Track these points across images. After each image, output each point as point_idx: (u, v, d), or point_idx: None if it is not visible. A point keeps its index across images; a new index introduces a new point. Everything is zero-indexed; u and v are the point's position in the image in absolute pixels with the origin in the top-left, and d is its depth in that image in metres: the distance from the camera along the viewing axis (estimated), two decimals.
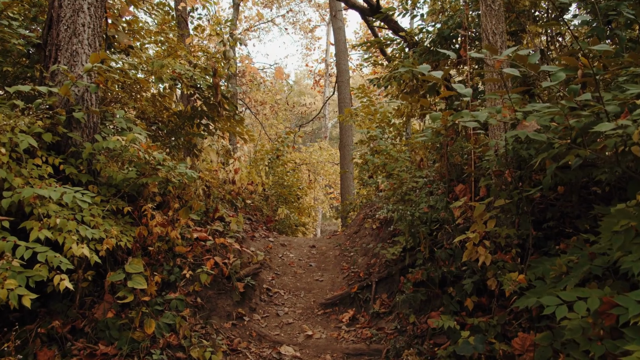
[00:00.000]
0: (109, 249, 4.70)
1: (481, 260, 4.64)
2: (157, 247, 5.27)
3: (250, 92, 18.83)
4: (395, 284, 5.72)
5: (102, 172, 5.23)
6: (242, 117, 7.33)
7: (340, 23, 16.84)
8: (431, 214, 5.61)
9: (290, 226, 11.33)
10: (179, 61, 7.33)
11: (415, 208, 5.73)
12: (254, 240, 7.72)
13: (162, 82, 6.54)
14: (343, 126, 15.89)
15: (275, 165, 11.81)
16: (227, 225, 6.74)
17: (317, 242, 8.51)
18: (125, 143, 5.19)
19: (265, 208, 10.74)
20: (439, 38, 7.52)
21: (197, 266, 5.52)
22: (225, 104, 7.11)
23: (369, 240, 7.29)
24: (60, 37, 5.82)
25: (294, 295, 6.35)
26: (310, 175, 21.84)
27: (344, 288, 6.32)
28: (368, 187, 10.80)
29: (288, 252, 7.79)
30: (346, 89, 16.23)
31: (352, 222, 9.35)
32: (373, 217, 7.99)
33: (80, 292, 4.92)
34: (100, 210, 4.97)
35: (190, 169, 7.22)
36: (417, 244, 5.53)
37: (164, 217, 5.11)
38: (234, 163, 10.15)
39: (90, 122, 5.71)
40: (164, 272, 5.25)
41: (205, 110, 7.31)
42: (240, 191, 10.24)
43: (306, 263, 7.44)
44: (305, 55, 36.78)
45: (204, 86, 6.76)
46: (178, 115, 7.61)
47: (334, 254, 7.65)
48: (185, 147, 7.85)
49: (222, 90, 7.06)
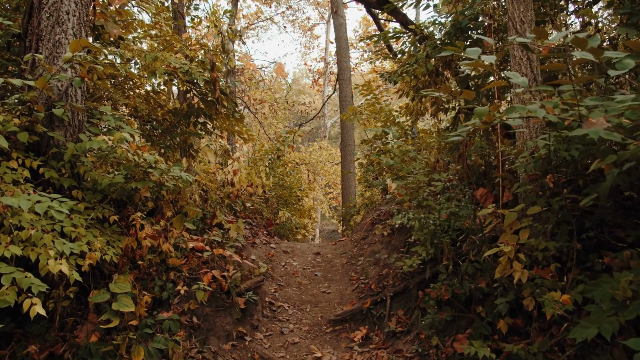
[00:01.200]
0: (93, 264, 4.06)
1: (517, 277, 4.03)
2: (148, 260, 4.63)
3: (249, 91, 18.15)
4: (413, 300, 5.11)
5: (86, 176, 4.59)
6: (241, 115, 6.71)
7: (341, 19, 16.20)
8: (453, 222, 4.99)
9: (291, 229, 10.70)
10: (174, 55, 6.69)
11: (436, 216, 5.12)
12: (255, 248, 7.08)
13: (155, 77, 5.90)
14: (344, 125, 15.27)
15: (276, 165, 11.18)
16: (226, 232, 6.11)
17: (322, 249, 7.89)
18: (113, 143, 4.56)
19: (266, 211, 10.12)
20: (455, 30, 6.90)
21: (193, 280, 4.89)
22: (224, 101, 6.47)
23: (379, 248, 6.67)
24: (42, 26, 5.17)
25: (300, 310, 5.73)
26: (310, 175, 21.21)
27: (354, 302, 5.70)
28: (373, 188, 10.18)
29: (291, 260, 7.17)
30: (347, 87, 15.60)
31: (359, 227, 8.72)
32: (382, 222, 7.37)
33: (60, 311, 4.28)
34: (84, 219, 4.33)
35: (186, 171, 6.59)
36: (438, 255, 4.91)
37: (155, 228, 4.47)
38: (232, 164, 9.51)
39: (75, 120, 5.07)
40: (156, 289, 4.62)
41: (202, 108, 6.67)
42: (240, 193, 9.60)
43: (311, 272, 6.82)
44: (304, 54, 36.11)
45: (200, 81, 6.13)
46: (173, 113, 6.97)
47: (340, 262, 7.03)
48: (182, 147, 7.21)
49: (221, 86, 6.42)
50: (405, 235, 6.30)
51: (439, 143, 7.03)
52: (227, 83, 6.92)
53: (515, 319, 4.20)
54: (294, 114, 27.06)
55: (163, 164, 4.98)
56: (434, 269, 5.08)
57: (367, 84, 10.30)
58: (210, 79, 6.24)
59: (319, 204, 22.89)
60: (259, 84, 18.38)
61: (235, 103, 6.62)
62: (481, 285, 4.40)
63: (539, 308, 4.04)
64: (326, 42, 28.15)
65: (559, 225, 4.26)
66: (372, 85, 10.44)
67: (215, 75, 6.18)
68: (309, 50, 32.57)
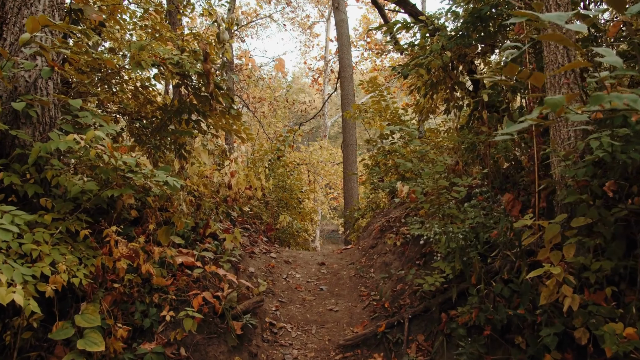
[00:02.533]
0: (58, 288, 3.33)
1: (567, 304, 3.31)
2: (128, 280, 3.89)
3: (247, 89, 17.34)
4: (435, 323, 4.37)
5: (53, 182, 3.84)
6: (239, 112, 5.96)
7: (343, 15, 15.48)
8: (483, 234, 4.26)
9: (292, 234, 9.96)
10: (164, 45, 5.95)
11: (462, 226, 4.39)
12: (254, 258, 6.34)
13: (141, 68, 5.15)
14: (346, 124, 14.55)
15: (276, 166, 10.42)
16: (221, 243, 5.37)
17: (327, 259, 7.14)
18: (85, 143, 3.82)
19: (265, 215, 9.38)
20: (473, 19, 6.16)
21: (181, 303, 4.15)
22: (219, 96, 5.73)
23: (391, 259, 5.94)
24: (7, 7, 4.45)
25: (304, 332, 4.99)
26: (310, 175, 20.46)
27: (366, 322, 4.97)
28: (379, 191, 9.44)
29: (294, 272, 6.43)
30: (349, 85, 14.89)
31: (365, 233, 7.99)
32: (393, 229, 6.64)
33: (21, 345, 3.54)
34: (49, 234, 3.59)
35: (178, 174, 5.84)
36: (467, 273, 4.17)
37: (133, 246, 3.72)
38: (230, 165, 8.77)
39: (45, 116, 4.33)
40: (137, 315, 3.87)
41: (195, 104, 5.93)
42: (237, 197, 8.86)
43: (316, 286, 6.08)
44: (304, 53, 35.28)
45: (192, 72, 5.38)
46: (163, 109, 6.23)
47: (348, 274, 6.29)
48: (174, 147, 6.47)
49: (216, 80, 5.68)
50: (421, 246, 5.57)
51: (456, 143, 6.30)
52: (223, 76, 6.15)
53: (565, 353, 3.47)
54: (293, 113, 26.30)
55: (147, 167, 4.24)
56: (460, 287, 4.35)
57: (372, 80, 9.56)
58: (203, 71, 5.50)
59: (320, 205, 22.14)
60: (258, 81, 17.58)
61: (232, 99, 5.88)
62: (520, 312, 3.66)
63: (595, 341, 3.32)
64: (326, 40, 27.39)
65: (612, 240, 3.55)
66: (377, 82, 9.71)
67: (209, 67, 5.43)
68: (308, 49, 31.82)
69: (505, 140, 5.51)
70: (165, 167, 4.99)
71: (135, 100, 6.68)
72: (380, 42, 24.96)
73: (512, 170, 5.64)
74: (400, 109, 9.89)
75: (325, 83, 26.39)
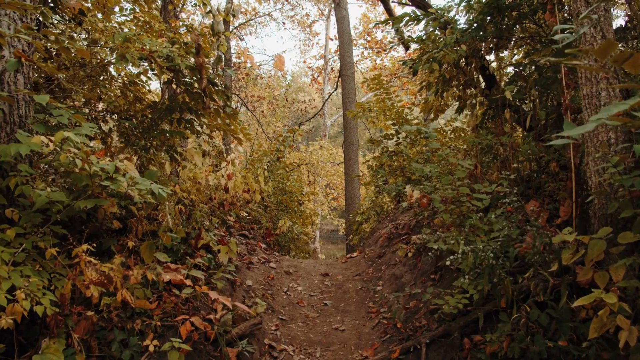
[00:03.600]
0: (17, 319, 2.76)
1: (623, 338, 2.74)
2: (104, 305, 3.32)
3: (246, 87, 16.73)
4: (457, 350, 3.81)
5: (16, 191, 3.27)
6: (235, 110, 5.39)
7: (344, 12, 14.92)
8: (512, 250, 3.70)
9: (293, 239, 9.39)
10: (154, 38, 5.37)
11: (485, 239, 3.83)
12: (252, 270, 5.78)
13: (125, 62, 4.57)
14: (348, 124, 13.98)
15: (275, 168, 9.84)
16: (215, 256, 4.81)
17: (330, 268, 6.57)
18: (54, 146, 3.25)
19: (264, 219, 8.81)
20: (489, 9, 5.60)
21: (168, 329, 3.58)
22: (213, 93, 5.16)
23: (402, 272, 5.38)
24: None
25: (307, 355, 4.43)
26: (310, 175, 19.89)
27: (376, 345, 4.40)
28: (384, 194, 8.87)
29: (295, 284, 5.86)
30: (351, 83, 14.32)
31: (371, 240, 7.42)
32: (402, 238, 6.08)
33: None
34: (8, 253, 3.02)
35: (167, 180, 5.27)
36: (497, 296, 3.60)
37: (104, 271, 3.14)
38: (226, 167, 8.19)
39: (13, 115, 3.77)
40: (114, 345, 3.30)
41: (187, 102, 5.36)
42: (235, 200, 8.27)
43: (319, 301, 5.51)
44: (303, 52, 34.65)
45: (182, 67, 4.81)
46: (152, 107, 5.66)
47: (354, 287, 5.72)
48: (164, 149, 5.90)
49: (209, 75, 5.10)
50: (435, 258, 5.01)
51: (470, 144, 5.74)
52: (218, 71, 5.58)
53: None
54: (293, 112, 25.71)
55: (129, 172, 3.67)
56: (485, 308, 3.79)
57: (376, 77, 8.99)
58: (195, 65, 4.92)
59: (319, 206, 21.57)
60: (257, 80, 16.96)
61: (228, 96, 5.31)
62: (562, 343, 3.10)
63: None
64: (326, 39, 26.78)
65: None
66: (382, 80, 9.14)
67: (202, 60, 4.86)
68: (308, 48, 31.20)
69: (530, 142, 4.95)
70: (151, 172, 4.42)
71: (124, 98, 6.11)
72: (380, 40, 24.40)
73: (534, 175, 5.09)
74: (405, 107, 9.33)
75: (325, 82, 25.79)
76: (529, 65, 5.71)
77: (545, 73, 5.08)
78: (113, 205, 4.05)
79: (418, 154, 9.51)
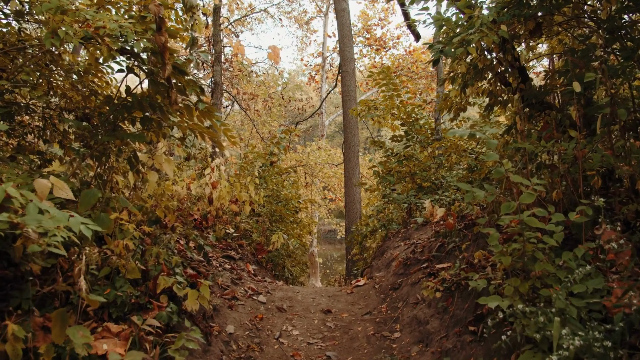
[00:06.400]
0: None
1: None
2: None
3: (239, 83, 15.29)
4: None
5: None
6: (211, 107, 4.04)
7: (344, 4, 13.59)
8: (618, 316, 2.37)
9: (289, 255, 8.06)
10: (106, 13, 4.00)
11: (561, 293, 2.51)
12: (235, 308, 4.45)
13: (57, 40, 3.22)
14: (348, 123, 12.66)
15: (269, 174, 8.48)
16: (181, 302, 3.47)
17: (333, 302, 5.21)
18: None
19: (256, 232, 7.46)
20: None
21: None
22: (182, 81, 3.82)
23: (427, 315, 4.05)
24: None
25: None
26: (308, 177, 18.55)
27: None
28: (393, 204, 7.54)
29: (289, 326, 4.52)
30: (351, 80, 13.00)
31: (381, 262, 6.10)
32: (423, 265, 4.76)
33: None
34: None
35: (120, 200, 3.90)
36: None
37: None
38: (210, 174, 6.84)
39: None
40: None
41: (149, 95, 4.00)
42: (220, 213, 6.93)
43: (321, 352, 4.16)
44: (301, 49, 33.20)
45: (136, 48, 3.47)
46: (108, 102, 4.32)
47: (364, 332, 4.38)
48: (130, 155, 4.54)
49: (177, 60, 3.76)
50: (472, 298, 3.70)
51: (511, 152, 4.42)
52: (191, 54, 4.23)
53: None
54: (290, 111, 24.31)
55: (37, 200, 2.33)
56: None
57: (385, 70, 7.66)
58: (156, 47, 3.57)
59: (317, 208, 20.21)
60: (250, 75, 15.51)
61: (202, 88, 3.98)
62: None
63: None
64: (324, 36, 25.39)
65: None
66: (390, 73, 7.81)
67: (164, 40, 3.51)
68: (305, 45, 29.83)
69: (599, 150, 3.62)
70: (89, 192, 3.09)
71: (75, 90, 4.77)
72: (380, 37, 23.05)
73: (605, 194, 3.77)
74: (416, 106, 8.00)
75: (322, 80, 24.43)
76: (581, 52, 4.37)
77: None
78: None
79: (430, 158, 8.22)
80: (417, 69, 19.96)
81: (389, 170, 7.77)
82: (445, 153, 7.93)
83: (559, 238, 2.83)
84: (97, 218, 3.24)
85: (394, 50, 22.65)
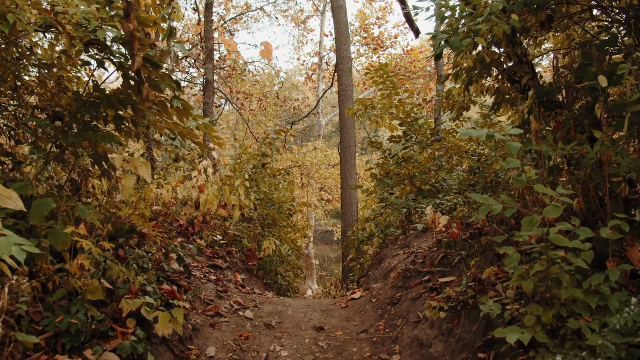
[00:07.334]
0: None
1: None
2: None
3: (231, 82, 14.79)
4: None
5: None
6: (187, 104, 3.59)
7: (341, 1, 13.13)
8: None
9: (282, 261, 7.60)
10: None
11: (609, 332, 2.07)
12: (217, 326, 4.00)
13: (6, 26, 2.77)
14: (345, 123, 12.24)
15: (261, 176, 8.01)
16: (151, 326, 3.02)
17: (327, 317, 4.76)
18: None
19: (246, 238, 7.00)
20: None
21: None
22: (153, 75, 3.37)
23: (429, 337, 3.61)
24: None
25: None
26: (304, 178, 18.09)
27: None
28: (391, 209, 7.09)
29: (277, 346, 4.06)
30: (348, 79, 12.56)
31: (378, 272, 5.65)
32: (425, 277, 4.32)
33: None
34: None
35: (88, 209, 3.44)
36: None
37: None
38: (197, 177, 6.39)
39: None
40: None
41: (120, 93, 3.55)
42: (208, 218, 6.48)
43: None
44: (297, 49, 32.70)
45: (100, 36, 3.02)
46: (76, 99, 3.87)
47: (360, 354, 3.93)
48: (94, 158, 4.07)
49: (149, 52, 3.31)
50: (481, 320, 3.26)
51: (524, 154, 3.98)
52: (169, 48, 3.77)
53: None
54: (286, 111, 23.82)
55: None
56: None
57: (382, 67, 7.21)
58: (124, 36, 3.11)
59: (313, 210, 19.75)
60: (244, 73, 15.01)
61: (178, 83, 3.53)
62: None
63: None
64: (320, 35, 24.91)
65: None
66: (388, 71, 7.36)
67: (132, 27, 3.06)
68: (302, 45, 29.36)
69: (625, 154, 3.18)
70: (41, 201, 2.63)
71: (42, 86, 4.31)
72: (377, 36, 22.59)
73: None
74: (417, 104, 7.56)
75: (319, 80, 23.95)
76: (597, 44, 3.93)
77: None
78: None
79: (430, 159, 7.78)
80: (415, 68, 19.55)
81: (387, 173, 7.33)
82: (446, 154, 7.50)
83: (587, 258, 2.39)
84: (51, 232, 2.79)
85: (391, 49, 22.20)
